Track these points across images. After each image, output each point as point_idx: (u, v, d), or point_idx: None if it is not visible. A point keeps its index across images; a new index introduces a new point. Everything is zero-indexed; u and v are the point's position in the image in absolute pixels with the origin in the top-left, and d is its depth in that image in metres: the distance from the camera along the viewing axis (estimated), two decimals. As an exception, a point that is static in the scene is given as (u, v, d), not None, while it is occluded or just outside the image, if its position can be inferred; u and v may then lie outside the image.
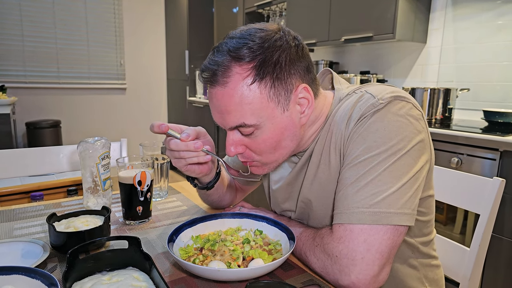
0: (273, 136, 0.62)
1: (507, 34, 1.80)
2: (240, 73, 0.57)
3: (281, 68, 0.59)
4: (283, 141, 0.63)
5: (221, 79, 0.58)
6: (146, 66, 4.10)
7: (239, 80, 0.57)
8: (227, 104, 0.59)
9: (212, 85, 0.60)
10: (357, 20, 2.16)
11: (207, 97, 0.63)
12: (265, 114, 0.60)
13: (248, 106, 0.58)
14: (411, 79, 2.28)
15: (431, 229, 0.73)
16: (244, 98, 0.58)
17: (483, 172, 1.40)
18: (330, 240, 0.58)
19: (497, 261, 1.39)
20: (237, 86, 0.57)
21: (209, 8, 3.70)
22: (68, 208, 0.89)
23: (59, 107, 3.65)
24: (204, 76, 0.61)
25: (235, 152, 0.64)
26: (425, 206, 0.68)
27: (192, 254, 0.62)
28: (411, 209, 0.56)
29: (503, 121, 1.59)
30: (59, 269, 0.60)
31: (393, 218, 0.55)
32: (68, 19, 3.54)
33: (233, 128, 0.62)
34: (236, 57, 0.58)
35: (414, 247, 0.70)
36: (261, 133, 0.61)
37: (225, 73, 0.58)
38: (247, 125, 0.60)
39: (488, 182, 0.81)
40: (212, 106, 0.63)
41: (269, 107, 0.59)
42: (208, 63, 0.60)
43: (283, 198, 0.78)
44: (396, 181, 0.56)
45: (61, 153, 1.16)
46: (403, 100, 0.60)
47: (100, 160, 0.82)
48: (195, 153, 0.67)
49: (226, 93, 0.58)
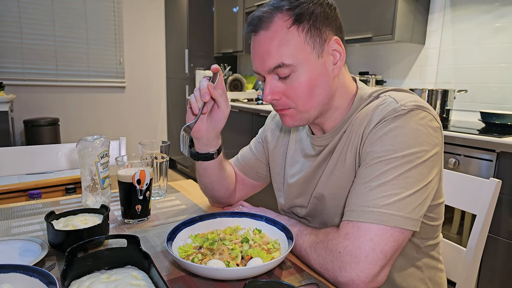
0: (308, 80, 0.65)
1: (505, 36, 1.81)
2: (281, 18, 0.64)
3: (317, 18, 0.64)
4: (316, 88, 0.66)
5: (265, 24, 0.64)
6: (146, 65, 4.09)
7: (280, 24, 0.63)
8: (268, 46, 0.64)
9: (256, 32, 0.66)
10: (356, 21, 2.17)
11: (251, 46, 0.69)
12: (301, 57, 0.64)
13: (287, 48, 0.63)
14: (410, 80, 2.29)
15: (438, 234, 0.74)
16: (283, 40, 0.63)
17: (480, 173, 1.41)
18: (335, 236, 0.59)
19: (493, 261, 1.40)
20: (278, 29, 0.63)
21: (209, 7, 3.70)
22: (66, 207, 0.89)
23: (57, 105, 3.64)
24: (250, 25, 0.66)
25: (271, 98, 0.67)
26: (436, 212, 0.70)
27: (191, 253, 0.62)
28: (418, 216, 0.58)
29: (500, 123, 1.60)
30: (58, 267, 0.60)
31: (401, 222, 0.56)
32: (67, 17, 3.53)
33: (272, 71, 0.65)
34: (277, 7, 0.64)
35: (419, 248, 0.71)
36: (297, 76, 0.65)
37: (268, 19, 0.64)
38: (285, 64, 0.63)
39: (485, 183, 0.82)
40: (254, 55, 0.68)
41: (305, 50, 0.64)
42: (254, 15, 0.67)
43: (298, 192, 0.79)
44: (409, 187, 0.57)
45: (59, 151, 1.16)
46: (425, 110, 0.62)
47: (99, 159, 0.82)
48: (198, 96, 0.72)
49: (268, 36, 0.64)
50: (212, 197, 0.91)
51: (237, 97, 3.17)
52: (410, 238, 0.69)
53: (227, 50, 3.52)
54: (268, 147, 0.90)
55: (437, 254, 0.75)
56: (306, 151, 0.79)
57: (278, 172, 0.87)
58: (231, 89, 3.21)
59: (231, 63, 3.71)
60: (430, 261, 0.73)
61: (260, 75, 0.69)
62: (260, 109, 2.57)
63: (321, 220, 0.75)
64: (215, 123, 0.77)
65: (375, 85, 2.35)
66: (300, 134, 0.83)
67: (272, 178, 0.90)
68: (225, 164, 0.87)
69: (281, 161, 0.86)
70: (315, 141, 0.76)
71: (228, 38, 3.47)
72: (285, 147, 0.86)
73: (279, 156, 0.86)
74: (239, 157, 0.96)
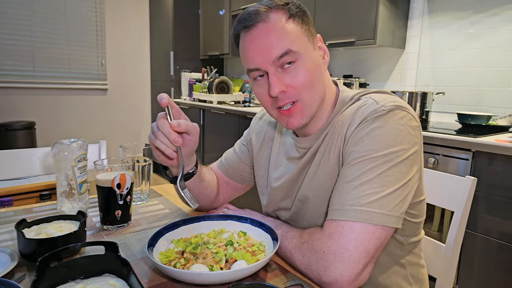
0: (310, 70, 0.66)
1: (478, 42, 1.90)
2: (276, 12, 0.65)
3: (306, 15, 0.68)
4: (317, 80, 0.67)
5: (263, 17, 0.64)
6: (129, 67, 4.01)
7: (277, 17, 0.65)
8: (271, 36, 0.63)
9: (253, 27, 0.64)
10: (340, 26, 2.22)
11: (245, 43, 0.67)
12: (302, 46, 0.65)
13: (289, 35, 0.64)
14: (391, 82, 2.35)
15: (420, 230, 0.76)
16: (284, 29, 0.64)
17: (457, 172, 1.45)
18: (320, 236, 0.60)
19: (471, 256, 1.45)
20: (277, 20, 0.64)
21: (195, 9, 3.67)
22: (40, 214, 0.85)
23: (34, 108, 3.50)
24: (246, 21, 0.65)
25: (279, 90, 0.65)
26: (417, 209, 0.71)
27: (173, 258, 0.60)
28: (399, 213, 0.59)
29: (476, 123, 1.66)
30: (28, 278, 0.56)
31: (383, 219, 0.57)
32: (46, 16, 3.41)
33: (277, 60, 0.64)
34: (268, 5, 0.66)
35: (403, 245, 0.72)
36: (301, 65, 0.65)
37: (265, 13, 0.65)
38: (291, 51, 0.63)
39: (462, 181, 0.85)
40: (253, 49, 0.65)
41: (304, 40, 0.66)
42: (247, 11, 0.66)
43: (283, 195, 0.79)
44: (390, 185, 0.58)
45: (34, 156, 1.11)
46: (404, 110, 0.63)
47: (76, 163, 0.79)
48: (168, 142, 0.66)
49: (269, 26, 0.64)
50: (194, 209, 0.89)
51: (224, 99, 3.15)
52: (394, 236, 0.70)
53: (213, 53, 3.50)
54: (252, 149, 0.89)
55: (419, 250, 0.77)
56: (290, 153, 0.78)
57: (262, 175, 0.86)
58: (217, 91, 3.19)
59: (217, 66, 3.69)
60: (413, 258, 0.75)
61: (257, 72, 0.66)
62: (247, 111, 2.57)
63: (303, 224, 0.74)
64: (189, 147, 0.72)
65: (359, 87, 2.40)
66: (284, 137, 0.82)
67: (256, 181, 0.89)
68: (204, 174, 0.83)
69: (265, 164, 0.85)
70: (299, 143, 0.76)
71: (214, 40, 3.45)
72: (269, 150, 0.85)
73: (263, 159, 0.86)
74: (223, 160, 0.94)
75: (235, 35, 0.69)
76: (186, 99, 3.57)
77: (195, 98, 3.38)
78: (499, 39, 1.82)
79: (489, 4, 1.84)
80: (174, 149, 0.67)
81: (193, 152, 0.75)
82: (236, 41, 0.70)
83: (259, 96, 0.69)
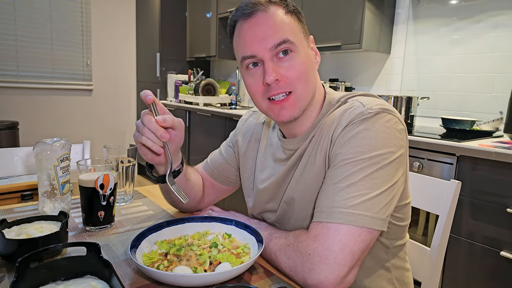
0: (305, 62, 0.67)
1: (462, 48, 1.94)
2: (276, 6, 0.67)
3: (301, 15, 0.70)
4: (310, 73, 0.68)
5: (262, 7, 0.65)
6: (115, 68, 3.95)
7: (276, 9, 0.66)
8: (270, 24, 0.65)
9: (252, 15, 0.65)
10: (327, 30, 2.24)
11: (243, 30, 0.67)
12: (299, 38, 0.67)
13: (288, 26, 0.66)
14: (377, 87, 2.38)
15: (405, 234, 0.76)
16: (283, 20, 0.66)
17: (442, 176, 1.48)
18: (305, 238, 0.59)
19: (456, 260, 1.47)
20: (276, 12, 0.66)
21: (182, 11, 3.66)
22: (21, 214, 0.83)
23: (17, 108, 3.41)
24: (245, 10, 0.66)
25: (274, 78, 0.65)
26: (402, 212, 0.72)
27: (156, 260, 0.59)
28: (385, 216, 0.59)
29: (460, 128, 1.69)
30: (8, 279, 0.55)
31: (369, 221, 0.57)
32: (30, 16, 3.34)
33: (275, 47, 0.64)
34: (268, 1, 0.66)
35: (388, 249, 0.73)
36: (296, 56, 0.66)
37: (265, 5, 0.66)
38: (289, 41, 0.64)
39: (446, 184, 0.86)
40: (251, 36, 0.65)
41: (300, 35, 0.68)
42: (246, 2, 0.67)
43: (269, 197, 0.78)
44: (376, 187, 0.59)
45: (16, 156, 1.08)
46: (390, 113, 0.64)
47: (58, 162, 0.77)
48: (155, 138, 0.65)
49: (269, 16, 0.65)
50: (180, 208, 0.89)
51: (210, 101, 3.14)
52: (379, 239, 0.70)
53: (200, 55, 3.49)
54: (238, 151, 0.89)
55: (404, 254, 0.77)
56: (276, 155, 0.78)
57: (248, 177, 0.86)
58: (204, 93, 3.18)
59: (204, 68, 3.68)
60: (398, 262, 0.75)
61: (252, 59, 0.66)
62: (233, 113, 2.56)
63: (289, 227, 0.74)
64: (176, 143, 0.71)
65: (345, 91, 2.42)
66: (271, 139, 0.82)
67: (242, 183, 0.89)
68: (190, 174, 0.83)
69: (251, 165, 0.85)
70: (286, 144, 0.76)
71: (201, 42, 3.44)
72: (255, 151, 0.85)
73: (249, 161, 0.85)
74: (208, 161, 0.94)
75: (233, 22, 0.68)
76: (172, 100, 3.55)
77: (181, 99, 3.36)
78: (483, 45, 1.86)
79: (473, 11, 1.88)
80: (161, 145, 0.67)
81: (179, 149, 0.75)
82: (231, 30, 0.70)
83: (250, 85, 0.68)
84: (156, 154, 0.69)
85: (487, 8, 1.83)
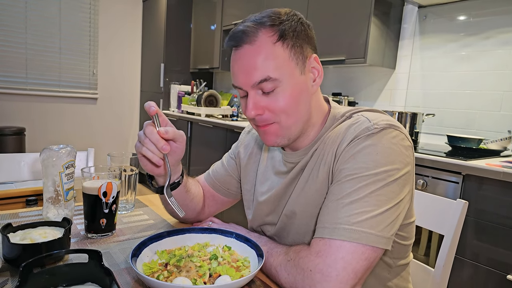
0: (292, 95, 0.65)
1: (470, 64, 1.92)
2: (266, 33, 0.64)
3: (299, 36, 0.65)
4: (299, 104, 0.66)
5: (249, 38, 0.64)
6: (120, 77, 4.02)
7: (265, 39, 0.63)
8: (254, 60, 0.63)
9: (239, 46, 0.65)
10: (331, 44, 2.25)
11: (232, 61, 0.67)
12: (286, 71, 0.64)
13: (273, 61, 0.63)
14: (380, 102, 2.38)
15: (409, 253, 0.75)
16: (269, 54, 0.63)
17: (447, 195, 1.45)
18: (307, 254, 0.58)
19: (459, 282, 1.42)
20: (263, 44, 0.63)
21: (187, 23, 3.73)
22: (26, 219, 0.83)
23: (24, 114, 3.47)
24: (233, 40, 0.65)
25: (255, 113, 0.65)
26: (406, 231, 0.70)
27: (156, 270, 0.59)
28: (390, 234, 0.58)
29: (466, 146, 1.65)
30: (11, 284, 0.55)
31: (373, 239, 0.56)
32: (40, 25, 3.43)
33: (256, 85, 0.64)
34: (260, 22, 0.64)
35: (391, 268, 0.71)
36: (282, 91, 0.64)
37: (253, 33, 0.64)
38: (271, 78, 0.63)
39: (453, 204, 0.84)
40: (237, 69, 0.66)
41: (290, 66, 0.64)
42: (236, 29, 0.66)
43: (269, 210, 0.78)
44: (381, 204, 0.57)
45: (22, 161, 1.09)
46: (397, 129, 0.63)
47: (64, 169, 0.78)
48: (155, 150, 0.66)
49: (253, 50, 0.63)
50: (180, 219, 0.89)
51: (212, 113, 3.17)
52: (382, 258, 0.69)
53: (203, 66, 3.54)
54: (240, 163, 0.89)
55: (407, 274, 0.76)
56: (277, 168, 0.78)
57: (249, 189, 0.85)
58: (206, 104, 3.21)
59: (207, 79, 3.73)
60: (400, 282, 0.74)
61: (241, 90, 0.67)
62: (235, 125, 2.57)
63: (288, 241, 0.73)
64: (176, 156, 0.72)
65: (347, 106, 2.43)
66: (272, 151, 0.82)
67: (243, 195, 0.89)
68: (190, 186, 0.83)
69: (252, 177, 0.85)
70: (287, 157, 0.75)
71: (204, 54, 3.49)
72: (257, 164, 0.85)
73: (251, 173, 0.85)
74: (210, 172, 0.94)
75: (224, 51, 0.70)
76: (174, 111, 3.59)
77: (184, 110, 3.39)
78: (491, 62, 1.81)
79: (481, 28, 1.85)
80: (161, 157, 0.67)
81: (179, 161, 0.75)
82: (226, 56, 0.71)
83: (242, 108, 0.70)
84: (156, 166, 0.70)
85: (497, 24, 1.80)
